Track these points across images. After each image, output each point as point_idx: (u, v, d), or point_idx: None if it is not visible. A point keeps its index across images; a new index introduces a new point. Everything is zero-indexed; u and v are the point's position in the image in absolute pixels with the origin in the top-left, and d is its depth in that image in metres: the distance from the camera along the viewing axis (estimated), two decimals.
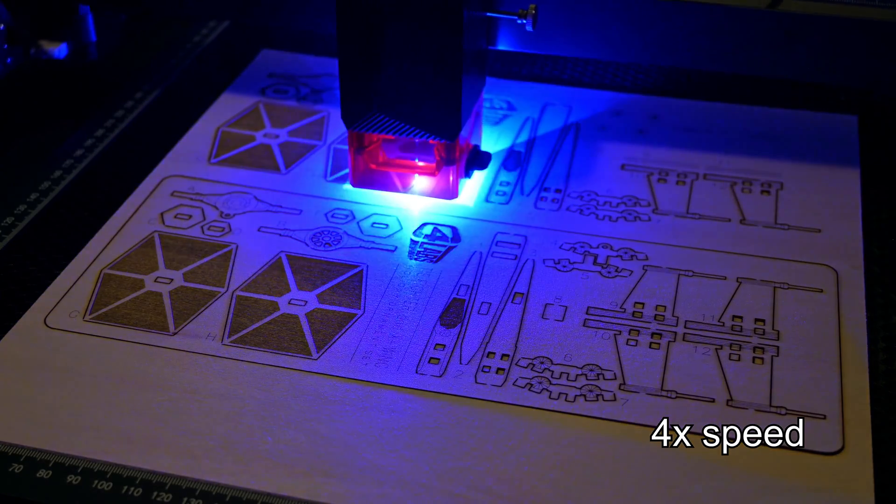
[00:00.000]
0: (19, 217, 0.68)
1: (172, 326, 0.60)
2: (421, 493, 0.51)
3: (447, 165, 0.68)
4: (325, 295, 0.63)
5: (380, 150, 0.69)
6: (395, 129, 0.66)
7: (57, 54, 0.78)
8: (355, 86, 0.65)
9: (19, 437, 0.54)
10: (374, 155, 0.69)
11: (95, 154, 0.74)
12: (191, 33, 0.89)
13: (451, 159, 0.67)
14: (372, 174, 0.69)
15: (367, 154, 0.69)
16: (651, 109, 0.79)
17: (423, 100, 0.64)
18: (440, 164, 0.68)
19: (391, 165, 0.69)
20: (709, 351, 0.59)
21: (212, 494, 0.51)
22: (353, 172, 0.69)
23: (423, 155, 0.69)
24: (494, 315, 0.61)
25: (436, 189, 0.69)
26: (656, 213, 0.69)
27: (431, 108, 0.64)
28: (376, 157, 0.69)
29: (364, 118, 0.66)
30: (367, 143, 0.68)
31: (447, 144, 0.67)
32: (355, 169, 0.69)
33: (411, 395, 0.56)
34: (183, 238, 0.67)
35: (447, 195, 0.69)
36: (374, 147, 0.69)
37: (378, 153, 0.69)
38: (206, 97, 0.81)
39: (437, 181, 0.68)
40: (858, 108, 0.79)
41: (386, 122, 0.66)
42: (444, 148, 0.67)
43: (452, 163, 0.67)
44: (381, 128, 0.66)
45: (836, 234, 0.67)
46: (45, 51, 0.78)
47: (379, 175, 0.69)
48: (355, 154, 0.68)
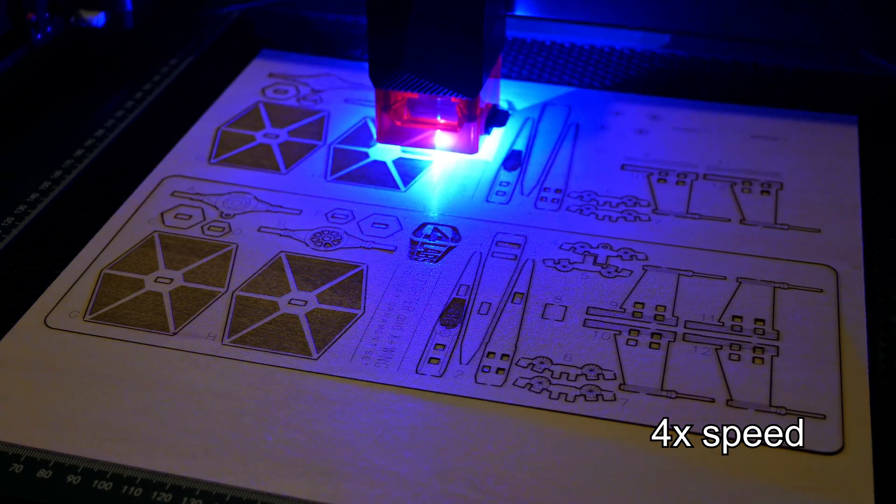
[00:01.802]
0: (19, 217, 0.68)
1: (172, 326, 0.60)
2: (421, 493, 0.51)
3: (468, 122, 0.71)
4: (325, 295, 0.63)
5: (404, 108, 0.73)
6: (421, 86, 0.70)
7: (95, 23, 0.80)
8: (383, 46, 0.69)
9: (19, 437, 0.54)
10: (399, 113, 0.73)
11: (96, 154, 0.74)
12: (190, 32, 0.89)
13: (472, 116, 0.71)
14: (397, 130, 0.73)
15: (393, 112, 0.72)
16: (651, 109, 0.79)
17: (447, 59, 0.68)
18: (462, 120, 0.72)
19: (415, 122, 0.73)
20: (709, 351, 0.59)
21: (212, 494, 0.51)
22: (380, 129, 0.73)
23: (445, 113, 0.72)
24: (494, 315, 0.61)
25: (457, 144, 0.73)
26: (656, 213, 0.69)
27: (454, 67, 0.69)
28: (401, 114, 0.73)
29: (391, 77, 0.70)
30: (392, 102, 0.72)
31: (469, 102, 0.71)
32: (381, 126, 0.73)
33: (411, 395, 0.56)
34: (183, 238, 0.67)
35: (468, 150, 0.73)
36: (399, 105, 0.73)
37: (403, 111, 0.73)
38: (206, 97, 0.81)
39: (459, 137, 0.72)
40: (858, 108, 0.79)
41: (412, 80, 0.69)
42: (466, 105, 0.71)
43: (473, 119, 0.71)
44: (406, 86, 0.70)
45: (836, 234, 0.67)
46: (83, 19, 0.80)
47: (403, 131, 0.73)
48: (381, 112, 0.72)
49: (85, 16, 0.81)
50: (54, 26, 0.80)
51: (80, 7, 0.82)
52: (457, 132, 0.72)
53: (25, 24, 0.78)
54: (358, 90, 0.82)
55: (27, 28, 0.78)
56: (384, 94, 0.71)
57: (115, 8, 0.83)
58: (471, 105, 0.71)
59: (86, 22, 0.81)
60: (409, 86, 0.70)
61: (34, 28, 0.78)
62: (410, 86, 0.70)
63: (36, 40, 0.79)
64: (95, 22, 0.81)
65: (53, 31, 0.80)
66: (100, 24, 0.81)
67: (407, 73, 0.69)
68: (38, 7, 0.78)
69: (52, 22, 0.80)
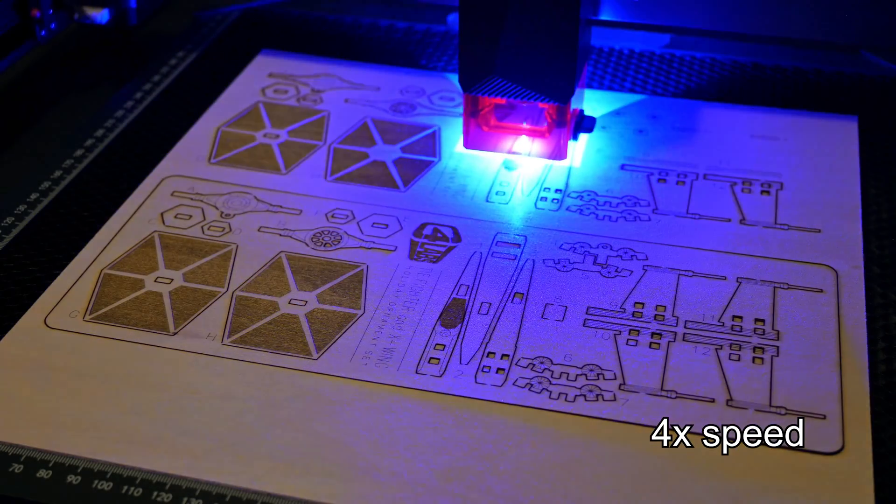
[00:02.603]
0: (19, 217, 0.68)
1: (172, 326, 0.60)
2: (421, 493, 0.51)
3: (558, 127, 0.70)
4: (325, 295, 0.63)
5: (491, 113, 0.72)
6: (511, 91, 0.69)
7: (98, 19, 0.80)
8: (475, 51, 0.68)
9: (19, 437, 0.54)
10: (486, 118, 0.72)
11: (95, 154, 0.74)
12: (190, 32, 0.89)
13: (562, 122, 0.70)
14: (484, 136, 0.72)
15: (480, 117, 0.72)
16: (651, 109, 0.79)
17: (539, 64, 0.68)
18: (551, 126, 0.71)
19: (502, 128, 0.72)
20: (709, 351, 0.59)
21: (212, 494, 0.51)
22: (466, 135, 0.72)
23: (532, 118, 0.72)
24: (494, 315, 0.61)
25: (546, 150, 0.72)
26: (656, 213, 0.69)
27: (547, 72, 0.68)
28: (488, 120, 0.72)
29: (481, 82, 0.69)
30: (480, 107, 0.71)
31: (559, 107, 0.70)
32: (468, 131, 0.72)
33: (411, 395, 0.56)
34: (183, 238, 0.67)
35: (557, 156, 0.72)
36: (487, 111, 0.72)
37: (490, 117, 0.72)
38: (206, 97, 0.81)
39: (548, 143, 0.71)
40: (858, 108, 0.79)
41: (503, 86, 0.69)
42: (556, 111, 0.70)
43: (563, 125, 0.70)
44: (497, 91, 0.69)
45: (836, 234, 0.67)
46: (87, 16, 0.80)
47: (491, 137, 0.72)
48: (469, 117, 0.71)
49: (89, 12, 0.81)
50: (58, 22, 0.80)
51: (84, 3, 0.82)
52: (545, 138, 0.71)
53: (30, 20, 0.78)
54: (358, 90, 0.82)
55: (31, 24, 0.78)
56: (472, 99, 0.71)
57: (118, 4, 0.83)
58: (561, 111, 0.70)
59: (90, 18, 0.81)
60: (500, 91, 0.69)
61: (38, 24, 0.78)
62: (501, 91, 0.69)
63: (40, 37, 0.79)
64: (99, 18, 0.81)
65: (57, 27, 0.80)
66: (103, 20, 0.82)
67: (498, 78, 0.69)
68: (42, 3, 0.78)
69: (56, 18, 0.80)
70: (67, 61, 0.87)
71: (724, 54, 0.86)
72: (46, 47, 0.82)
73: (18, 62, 0.81)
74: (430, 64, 0.85)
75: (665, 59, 0.85)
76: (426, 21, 0.90)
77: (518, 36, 0.67)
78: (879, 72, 0.83)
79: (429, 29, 0.89)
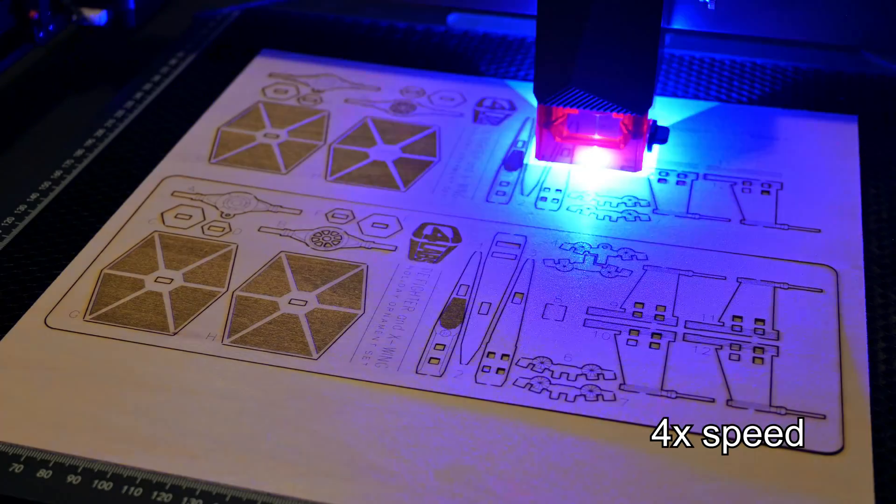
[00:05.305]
0: (19, 217, 0.68)
1: (172, 326, 0.60)
2: (421, 493, 0.51)
3: (634, 139, 0.69)
4: (325, 295, 0.63)
5: (564, 124, 0.71)
6: (588, 102, 0.68)
7: (97, 21, 0.80)
8: (552, 61, 0.67)
9: (19, 437, 0.54)
10: (559, 129, 0.71)
11: (95, 154, 0.74)
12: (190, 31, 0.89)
13: (638, 132, 0.69)
14: (557, 147, 0.71)
15: (553, 128, 0.71)
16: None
17: (617, 74, 0.67)
18: (626, 137, 0.70)
19: (576, 139, 0.71)
20: (709, 351, 0.59)
21: (212, 494, 0.51)
22: (539, 146, 0.71)
23: (605, 129, 0.71)
24: (494, 315, 0.61)
25: (620, 161, 0.71)
26: (656, 213, 0.69)
27: (625, 83, 0.67)
28: (561, 131, 0.71)
29: (557, 93, 0.68)
30: (554, 118, 0.71)
31: (635, 118, 0.69)
32: (541, 143, 0.71)
33: (411, 395, 0.56)
34: (183, 238, 0.67)
35: (632, 167, 0.71)
36: (560, 122, 0.71)
37: (562, 128, 0.71)
38: (206, 97, 0.81)
39: (623, 154, 0.70)
40: (858, 108, 0.79)
41: (579, 96, 0.68)
42: (632, 121, 0.69)
43: (639, 136, 0.69)
44: (572, 101, 0.68)
45: (836, 234, 0.67)
46: (85, 17, 0.80)
47: (564, 148, 0.71)
48: (542, 128, 0.70)
49: (87, 14, 0.81)
50: (56, 24, 0.80)
51: (82, 5, 0.82)
52: (620, 149, 0.70)
53: (28, 22, 0.78)
54: (358, 90, 0.82)
55: (30, 26, 0.78)
56: (545, 110, 0.70)
57: (117, 6, 0.83)
58: (637, 121, 0.69)
59: (88, 20, 0.81)
60: (576, 102, 0.68)
61: (37, 26, 0.78)
62: (577, 102, 0.68)
63: (38, 38, 0.79)
64: (98, 20, 0.81)
65: (56, 29, 0.80)
66: (102, 22, 0.82)
67: (575, 88, 0.67)
68: (40, 5, 0.78)
69: (54, 20, 0.80)
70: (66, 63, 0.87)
71: (723, 54, 0.86)
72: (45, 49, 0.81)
73: (17, 64, 0.81)
74: (431, 64, 0.85)
75: (664, 60, 0.85)
76: (426, 21, 0.90)
77: (597, 46, 0.66)
78: (879, 72, 0.83)
79: (429, 29, 0.89)
